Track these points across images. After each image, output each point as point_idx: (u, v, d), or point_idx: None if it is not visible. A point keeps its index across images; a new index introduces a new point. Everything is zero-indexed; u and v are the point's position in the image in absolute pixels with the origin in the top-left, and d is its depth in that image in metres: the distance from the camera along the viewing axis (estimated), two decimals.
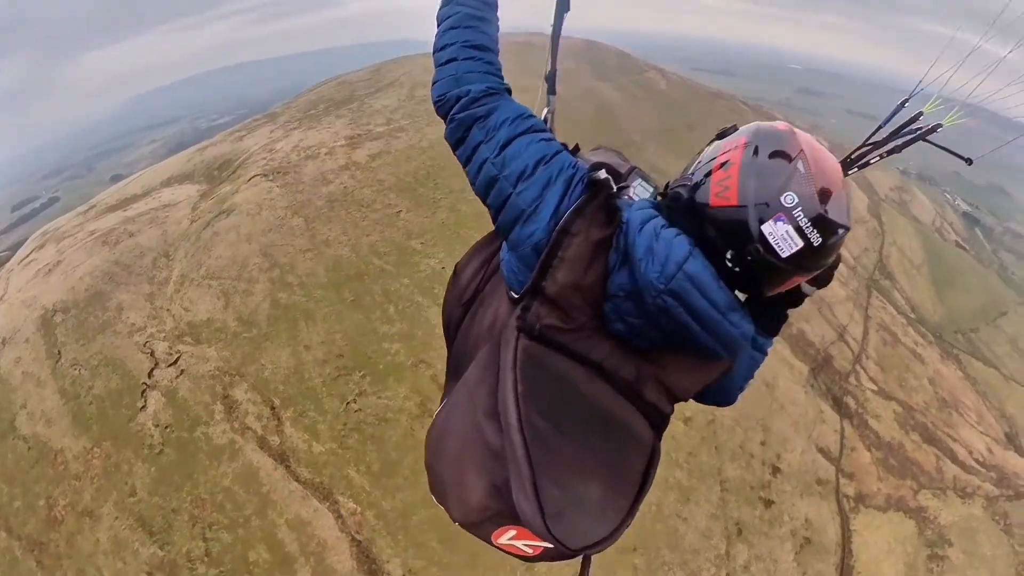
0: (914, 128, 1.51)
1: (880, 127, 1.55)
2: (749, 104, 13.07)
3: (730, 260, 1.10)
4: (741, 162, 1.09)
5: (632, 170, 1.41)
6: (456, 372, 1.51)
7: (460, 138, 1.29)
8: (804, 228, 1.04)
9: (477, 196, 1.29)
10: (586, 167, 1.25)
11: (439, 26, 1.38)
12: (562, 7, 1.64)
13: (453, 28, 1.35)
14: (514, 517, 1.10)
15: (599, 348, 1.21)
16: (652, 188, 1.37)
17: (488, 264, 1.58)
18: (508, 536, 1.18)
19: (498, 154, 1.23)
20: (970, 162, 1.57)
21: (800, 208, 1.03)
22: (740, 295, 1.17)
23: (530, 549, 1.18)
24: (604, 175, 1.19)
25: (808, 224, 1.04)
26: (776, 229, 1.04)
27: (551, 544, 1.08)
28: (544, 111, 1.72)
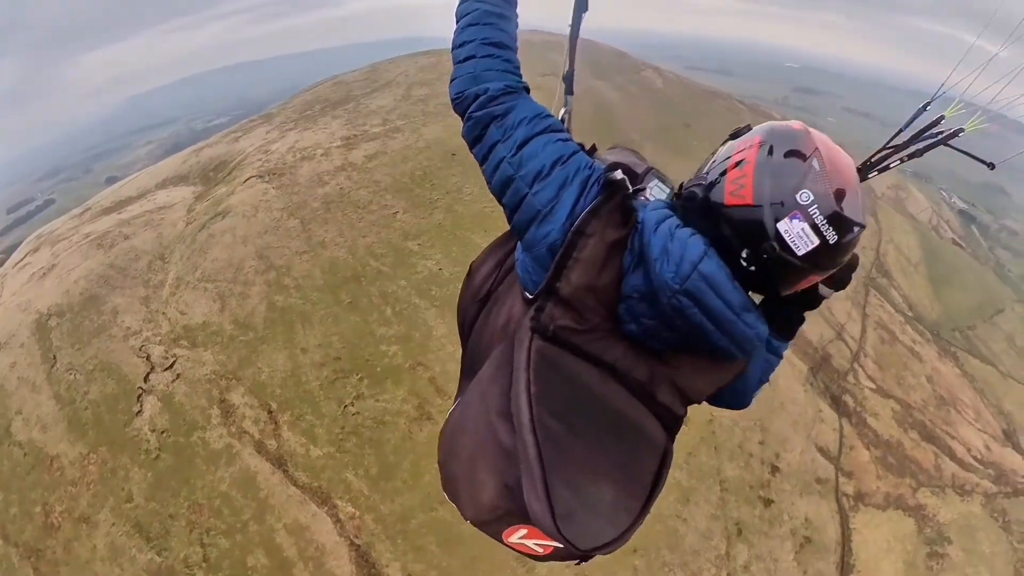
0: (935, 132, 1.48)
1: (900, 130, 1.53)
2: (746, 103, 13.04)
3: (745, 259, 1.10)
4: (756, 161, 1.08)
5: (649, 171, 1.41)
6: (470, 371, 1.51)
7: (477, 136, 1.28)
8: (820, 226, 1.03)
9: (492, 195, 1.28)
10: (602, 168, 1.24)
11: (457, 22, 1.37)
12: (580, 7, 1.62)
13: (472, 25, 1.33)
14: (525, 517, 1.11)
15: (613, 349, 1.20)
16: (669, 189, 1.37)
17: (503, 264, 1.58)
18: (519, 535, 1.19)
19: (515, 153, 1.22)
20: (992, 167, 1.55)
21: (816, 206, 1.03)
22: (756, 297, 1.16)
23: (540, 548, 1.18)
24: (620, 176, 1.18)
25: (824, 222, 1.03)
26: (792, 227, 1.04)
27: (561, 544, 1.09)
28: (561, 111, 1.72)
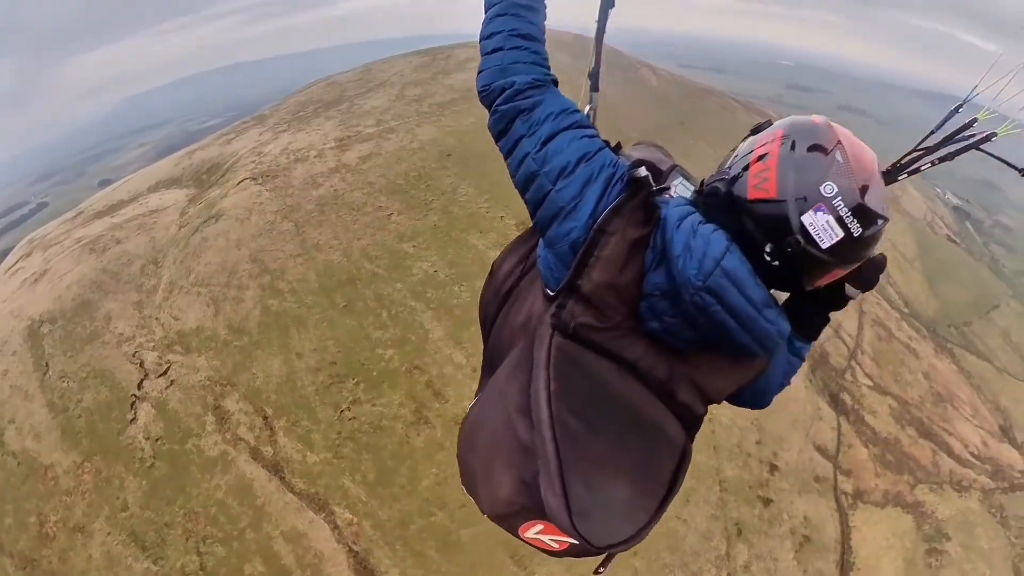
0: (967, 135, 1.46)
1: (932, 132, 1.52)
2: (740, 101, 13.03)
3: (769, 253, 1.10)
4: (779, 155, 1.08)
5: (673, 168, 1.40)
6: (491, 367, 1.51)
7: (503, 130, 1.27)
8: (844, 218, 1.04)
9: (516, 190, 1.26)
10: (626, 165, 1.23)
11: (486, 13, 1.35)
12: (607, 3, 1.61)
13: (500, 16, 1.32)
14: (541, 512, 1.11)
15: (633, 347, 1.20)
16: (693, 187, 1.36)
17: (525, 260, 1.57)
18: (535, 530, 1.19)
19: (540, 149, 1.21)
20: (1023, 172, 1.53)
21: (840, 198, 1.03)
22: (779, 296, 1.17)
23: (556, 544, 1.19)
24: (644, 173, 1.17)
25: (848, 214, 1.04)
26: (816, 219, 1.04)
27: (576, 541, 1.09)
28: (587, 108, 1.71)
